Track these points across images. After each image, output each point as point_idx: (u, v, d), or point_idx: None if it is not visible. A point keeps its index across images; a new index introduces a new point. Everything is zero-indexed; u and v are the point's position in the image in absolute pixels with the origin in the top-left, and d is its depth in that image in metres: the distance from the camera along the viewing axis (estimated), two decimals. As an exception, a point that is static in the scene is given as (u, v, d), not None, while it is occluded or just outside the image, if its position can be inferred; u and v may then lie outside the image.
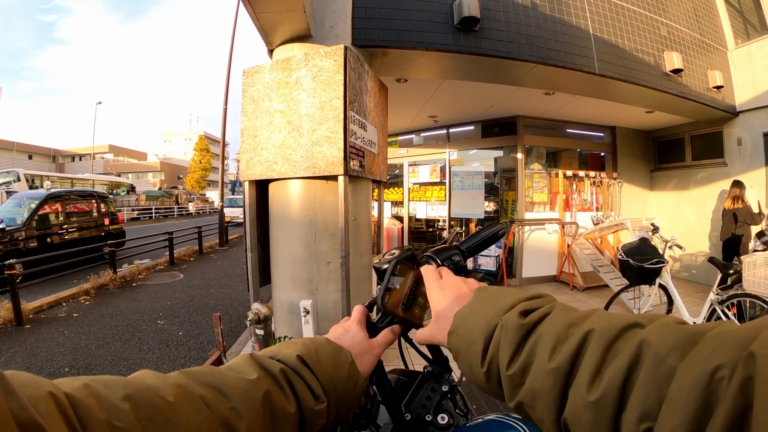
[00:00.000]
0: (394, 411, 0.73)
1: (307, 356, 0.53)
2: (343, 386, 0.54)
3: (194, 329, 4.88)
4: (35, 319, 5.19)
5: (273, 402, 0.45)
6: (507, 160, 7.20)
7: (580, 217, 6.99)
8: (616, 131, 7.51)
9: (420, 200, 8.16)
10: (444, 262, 0.79)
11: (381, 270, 0.77)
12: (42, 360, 3.94)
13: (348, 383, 0.55)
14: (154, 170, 44.03)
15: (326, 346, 0.57)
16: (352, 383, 0.55)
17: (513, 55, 3.96)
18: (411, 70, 4.32)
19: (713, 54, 5.91)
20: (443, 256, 0.80)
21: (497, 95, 5.60)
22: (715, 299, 3.40)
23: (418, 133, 8.36)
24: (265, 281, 3.68)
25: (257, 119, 3.31)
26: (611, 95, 5.21)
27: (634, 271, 3.86)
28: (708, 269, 5.83)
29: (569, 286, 6.49)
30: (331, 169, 2.95)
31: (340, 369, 0.54)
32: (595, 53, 4.40)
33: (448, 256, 0.80)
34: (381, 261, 0.78)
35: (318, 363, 0.53)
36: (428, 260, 0.80)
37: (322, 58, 3.04)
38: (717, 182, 6.56)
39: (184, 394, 0.38)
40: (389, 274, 0.69)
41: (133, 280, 7.48)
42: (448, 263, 0.79)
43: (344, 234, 3.01)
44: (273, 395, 0.46)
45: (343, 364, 0.55)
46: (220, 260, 10.02)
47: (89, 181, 23.88)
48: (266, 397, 0.45)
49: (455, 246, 0.85)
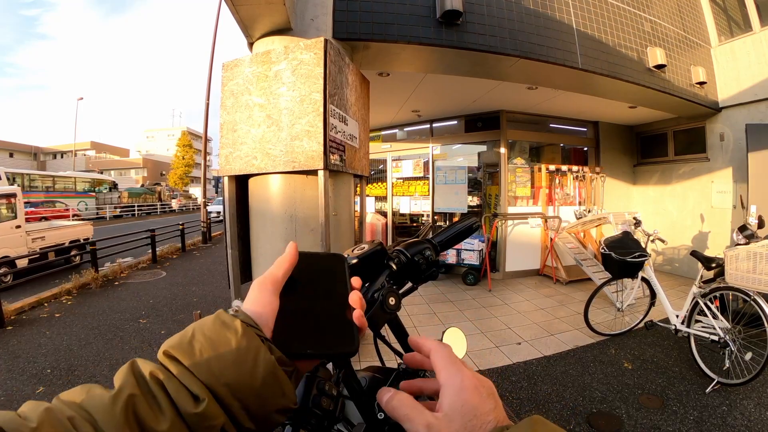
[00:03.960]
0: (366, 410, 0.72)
1: (177, 345, 0.40)
2: (234, 371, 0.39)
3: (177, 327, 4.79)
4: (17, 320, 5.05)
5: (138, 413, 0.36)
6: (490, 155, 7.22)
7: (563, 212, 7.05)
8: (599, 126, 7.59)
9: (404, 195, 8.17)
10: (414, 256, 0.77)
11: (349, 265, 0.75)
12: (24, 362, 3.84)
13: (241, 365, 0.39)
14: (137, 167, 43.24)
15: (210, 323, 0.42)
16: (250, 363, 0.40)
17: (496, 49, 3.95)
18: (393, 63, 4.28)
19: (696, 50, 5.97)
20: (414, 250, 0.78)
21: (480, 90, 5.60)
22: (698, 292, 3.43)
23: (401, 128, 8.34)
24: (247, 278, 3.63)
25: (236, 113, 3.25)
26: (594, 90, 5.24)
27: (616, 264, 3.89)
28: (691, 262, 5.93)
29: (553, 280, 6.55)
30: (310, 163, 2.91)
31: (223, 350, 0.40)
32: (579, 48, 4.41)
33: (419, 251, 0.78)
34: (350, 256, 0.76)
35: (191, 350, 0.40)
36: (398, 255, 0.77)
37: (302, 51, 3.00)
38: (700, 177, 6.67)
39: (49, 418, 0.34)
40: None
41: (115, 278, 7.33)
42: (418, 257, 0.77)
43: (325, 229, 2.97)
44: (138, 406, 0.36)
45: (227, 341, 0.40)
46: (203, 257, 9.89)
47: (71, 178, 23.39)
48: (127, 409, 0.35)
49: (427, 240, 0.83)
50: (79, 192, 23.14)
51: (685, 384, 3.20)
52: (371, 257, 0.76)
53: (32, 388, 3.37)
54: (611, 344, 4.03)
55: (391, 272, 0.76)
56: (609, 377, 3.37)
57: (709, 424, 2.66)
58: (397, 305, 0.69)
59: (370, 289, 0.73)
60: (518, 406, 2.98)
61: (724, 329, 3.20)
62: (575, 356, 3.80)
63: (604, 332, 4.21)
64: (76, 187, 23.17)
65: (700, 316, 3.44)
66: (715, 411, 2.81)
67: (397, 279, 0.78)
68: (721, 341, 3.19)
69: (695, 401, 2.95)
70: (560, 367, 3.58)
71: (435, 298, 5.74)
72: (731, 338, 3.16)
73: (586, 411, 2.88)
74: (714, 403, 2.91)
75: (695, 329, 3.41)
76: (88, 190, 24.01)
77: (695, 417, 2.75)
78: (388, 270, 0.76)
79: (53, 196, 20.57)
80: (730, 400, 2.94)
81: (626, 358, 3.70)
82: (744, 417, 2.72)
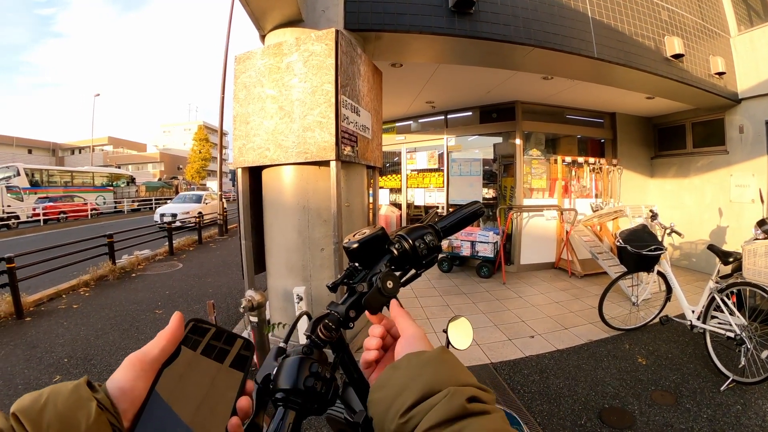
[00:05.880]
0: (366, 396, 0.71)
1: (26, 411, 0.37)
2: None
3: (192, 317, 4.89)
4: (35, 311, 5.19)
5: None
6: (505, 147, 7.14)
7: (579, 204, 6.96)
8: (616, 117, 7.44)
9: (418, 187, 8.17)
10: (415, 241, 0.75)
11: (350, 249, 0.74)
12: (41, 352, 3.95)
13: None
14: (154, 161, 43.84)
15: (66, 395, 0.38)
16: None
17: (510, 38, 3.89)
18: (406, 54, 4.25)
19: (715, 40, 5.80)
20: (415, 235, 0.76)
21: (495, 80, 5.53)
22: (715, 288, 3.32)
23: (415, 120, 8.29)
24: (260, 269, 3.67)
25: (249, 105, 3.28)
26: (611, 80, 5.13)
27: (632, 257, 3.82)
28: (708, 257, 5.80)
29: (568, 273, 6.48)
30: (322, 154, 2.92)
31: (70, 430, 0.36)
32: (594, 37, 4.32)
33: (419, 235, 0.76)
34: (350, 240, 0.75)
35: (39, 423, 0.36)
36: (400, 240, 0.77)
37: (313, 43, 3.00)
38: (718, 170, 6.50)
39: None
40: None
41: (132, 270, 7.48)
42: (419, 242, 0.75)
43: (337, 220, 2.98)
44: None
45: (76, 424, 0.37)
46: (219, 249, 10.03)
47: (89, 173, 23.87)
48: None
49: (429, 225, 0.81)
50: (97, 186, 23.63)
51: (700, 381, 3.13)
52: (372, 242, 0.75)
53: (49, 377, 3.46)
54: (625, 339, 3.97)
55: (392, 258, 0.75)
56: (622, 372, 3.32)
57: (723, 423, 2.59)
58: (395, 289, 0.68)
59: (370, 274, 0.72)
60: (529, 400, 2.95)
61: (741, 326, 3.10)
62: (589, 350, 3.75)
63: (618, 327, 4.15)
64: (94, 181, 23.66)
65: (716, 312, 3.34)
66: (729, 410, 2.73)
67: (398, 265, 0.76)
68: (737, 338, 3.09)
69: (709, 399, 2.87)
70: (573, 361, 3.54)
71: (449, 291, 5.73)
72: (747, 335, 3.05)
73: (598, 406, 2.85)
74: (728, 401, 2.84)
75: (711, 325, 3.30)
76: (105, 184, 24.49)
77: (708, 415, 2.68)
78: (389, 255, 0.75)
79: (72, 190, 21.05)
80: (745, 399, 2.85)
81: (640, 354, 3.65)
82: (759, 417, 2.64)
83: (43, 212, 16.54)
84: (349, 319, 0.66)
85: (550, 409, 2.84)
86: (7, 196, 16.71)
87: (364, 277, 0.72)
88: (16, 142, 34.41)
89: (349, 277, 0.74)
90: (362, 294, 0.68)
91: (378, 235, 0.75)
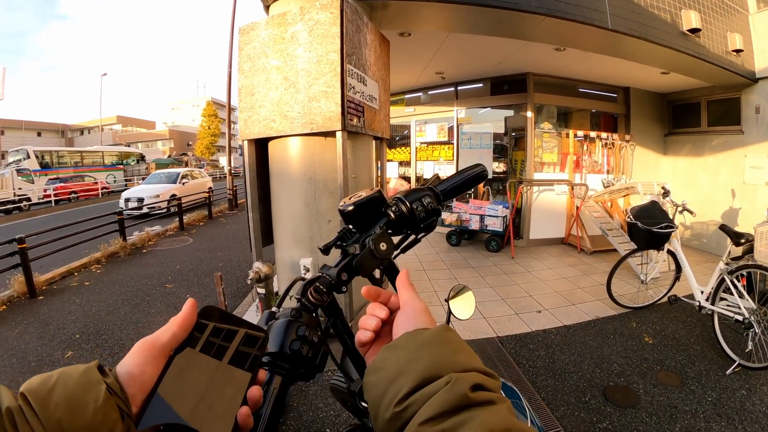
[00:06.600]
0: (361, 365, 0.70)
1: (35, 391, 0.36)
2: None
3: (201, 291, 4.99)
4: (48, 290, 5.32)
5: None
6: (516, 119, 7.03)
7: (590, 179, 6.87)
8: (629, 92, 7.24)
9: (427, 160, 8.09)
10: (413, 203, 0.74)
11: (345, 212, 0.73)
12: (54, 329, 4.06)
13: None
14: (163, 138, 43.92)
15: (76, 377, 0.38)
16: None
17: (520, 6, 3.76)
18: (414, 22, 4.14)
19: (733, 16, 5.55)
20: (413, 197, 0.75)
21: (506, 50, 5.40)
22: (725, 269, 3.24)
23: (425, 91, 8.14)
24: (269, 241, 3.69)
25: (254, 77, 3.24)
26: (624, 53, 4.97)
27: (642, 234, 3.77)
28: (719, 239, 5.71)
29: (577, 249, 6.45)
30: (328, 125, 2.89)
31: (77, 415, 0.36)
32: (608, 7, 4.16)
33: (417, 198, 0.75)
34: (346, 203, 0.74)
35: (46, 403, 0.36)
36: (397, 202, 0.75)
37: (317, 11, 2.93)
38: (733, 150, 6.30)
39: None
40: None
41: (143, 246, 7.61)
42: (417, 205, 0.74)
43: (344, 191, 2.98)
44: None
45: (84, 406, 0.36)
46: (228, 224, 10.16)
47: (98, 153, 24.05)
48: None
49: (428, 187, 0.79)
50: (107, 165, 23.85)
51: (705, 363, 3.11)
52: (368, 204, 0.73)
53: (62, 353, 3.54)
54: (633, 317, 3.97)
55: (389, 221, 0.73)
56: (628, 351, 3.32)
57: (727, 408, 2.57)
58: (388, 251, 0.67)
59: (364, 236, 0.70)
60: (534, 375, 2.97)
61: (750, 309, 3.05)
62: (595, 327, 3.76)
63: (626, 305, 4.14)
64: (104, 160, 23.87)
65: (725, 294, 3.29)
66: (734, 394, 2.72)
67: (396, 228, 0.75)
68: (746, 322, 3.04)
69: (714, 382, 2.86)
70: (579, 338, 3.55)
71: (457, 264, 5.75)
72: (756, 319, 3.00)
73: (603, 383, 2.86)
74: (733, 385, 2.81)
75: (719, 307, 3.25)
76: (115, 163, 24.69)
77: (713, 398, 2.67)
78: (386, 218, 0.73)
79: (82, 170, 21.25)
80: (750, 384, 2.83)
81: (647, 333, 3.64)
82: (763, 403, 2.61)
83: (54, 193, 16.78)
84: (341, 283, 0.65)
85: (554, 384, 2.86)
86: (17, 179, 16.94)
87: (358, 240, 0.70)
88: (25, 125, 34.56)
89: (342, 240, 0.73)
90: (354, 256, 0.66)
91: (374, 198, 0.74)
